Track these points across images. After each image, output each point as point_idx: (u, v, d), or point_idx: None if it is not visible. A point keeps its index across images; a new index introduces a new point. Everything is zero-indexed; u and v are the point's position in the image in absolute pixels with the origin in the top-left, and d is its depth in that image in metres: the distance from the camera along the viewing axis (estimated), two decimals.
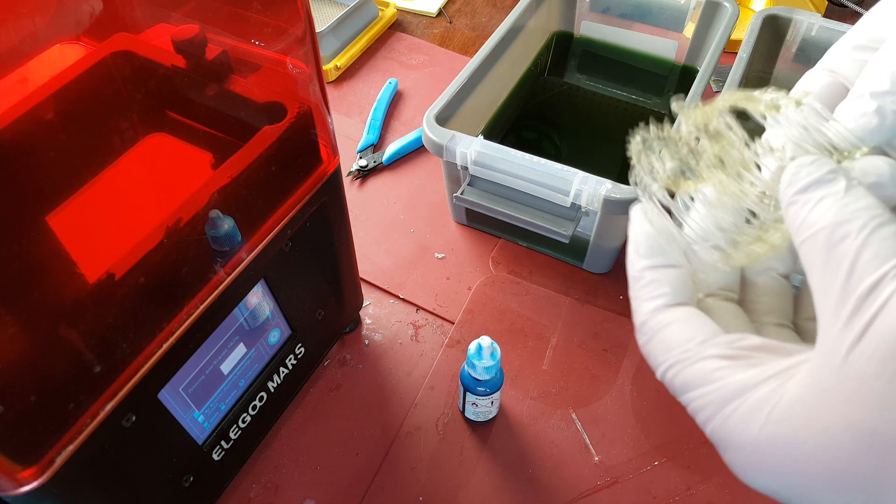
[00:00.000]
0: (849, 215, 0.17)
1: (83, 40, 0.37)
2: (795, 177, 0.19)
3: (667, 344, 0.20)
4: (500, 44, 0.67)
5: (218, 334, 0.40)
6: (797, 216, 0.18)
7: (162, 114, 0.39)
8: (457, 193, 0.58)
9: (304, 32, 0.36)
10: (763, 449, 0.17)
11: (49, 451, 0.31)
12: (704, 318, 0.20)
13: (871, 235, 0.16)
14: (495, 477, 0.51)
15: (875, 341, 0.15)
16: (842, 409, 0.16)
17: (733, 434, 0.18)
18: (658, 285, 0.21)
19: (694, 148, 0.22)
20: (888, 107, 0.19)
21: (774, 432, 0.17)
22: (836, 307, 0.17)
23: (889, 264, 0.16)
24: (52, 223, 0.35)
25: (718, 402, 0.18)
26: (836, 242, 0.17)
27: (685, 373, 0.19)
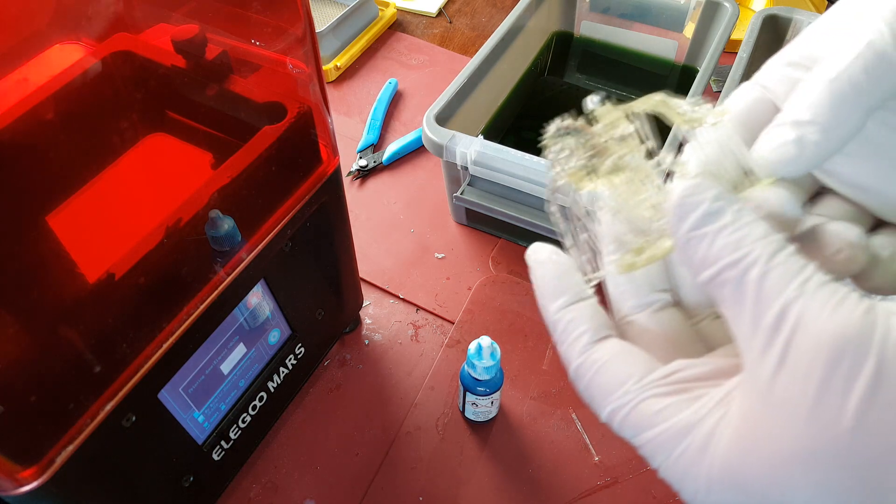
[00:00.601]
0: (746, 248, 0.17)
1: (83, 40, 0.37)
2: (683, 209, 0.18)
3: (604, 388, 0.20)
4: (500, 44, 0.67)
5: (218, 334, 0.40)
6: (694, 255, 0.18)
7: (162, 114, 0.39)
8: (457, 193, 0.58)
9: (303, 32, 0.36)
10: (715, 484, 0.17)
11: (49, 451, 0.31)
12: (631, 353, 0.20)
13: (768, 264, 0.17)
14: (495, 477, 0.51)
15: (792, 367, 0.16)
16: (775, 436, 0.16)
17: (686, 473, 0.18)
18: (577, 323, 0.21)
19: (601, 148, 0.21)
20: (808, 137, 0.19)
21: (722, 467, 0.17)
22: (750, 340, 0.17)
23: (789, 289, 0.16)
24: (52, 223, 0.35)
25: (666, 444, 0.18)
26: (739, 278, 0.17)
27: (629, 417, 0.19)
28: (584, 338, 0.21)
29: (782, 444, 0.16)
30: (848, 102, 0.18)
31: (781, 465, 0.16)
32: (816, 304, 0.16)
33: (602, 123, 0.21)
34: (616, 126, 0.21)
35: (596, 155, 0.21)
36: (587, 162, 0.21)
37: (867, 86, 0.18)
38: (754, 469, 0.17)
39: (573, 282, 0.22)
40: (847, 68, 0.18)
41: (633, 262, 0.21)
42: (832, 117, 0.19)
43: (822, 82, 0.19)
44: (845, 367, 0.15)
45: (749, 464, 0.17)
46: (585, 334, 0.21)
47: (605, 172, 0.21)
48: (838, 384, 0.15)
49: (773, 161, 0.20)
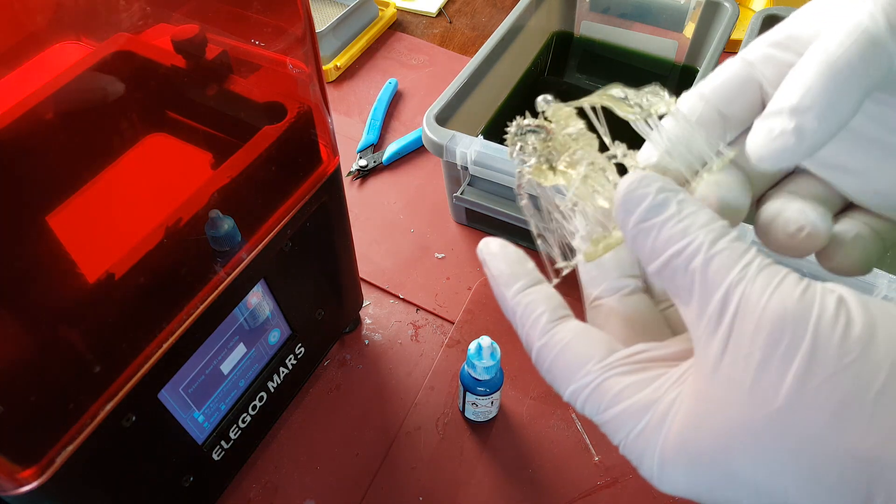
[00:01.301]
0: (690, 237, 0.18)
1: (83, 40, 0.37)
2: (628, 204, 0.19)
3: (566, 368, 0.20)
4: (500, 44, 0.67)
5: (218, 334, 0.40)
6: (643, 247, 0.19)
7: (162, 114, 0.39)
8: (457, 193, 0.58)
9: (304, 32, 0.36)
10: (669, 459, 0.18)
11: (49, 451, 0.31)
12: (591, 334, 0.21)
13: (710, 251, 0.18)
14: (495, 477, 0.51)
15: (734, 350, 0.17)
16: (722, 414, 0.17)
17: (645, 449, 0.19)
18: (535, 305, 0.21)
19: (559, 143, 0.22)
20: (808, 125, 0.19)
21: (675, 442, 0.18)
22: (697, 324, 0.18)
23: (731, 274, 0.17)
24: (52, 223, 0.35)
25: (626, 421, 0.19)
26: (685, 265, 0.18)
27: (592, 397, 0.20)
28: (543, 318, 0.21)
29: (727, 421, 0.17)
30: (844, 88, 0.18)
31: (726, 440, 0.17)
32: (757, 286, 0.17)
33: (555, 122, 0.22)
34: (567, 123, 0.22)
35: (554, 151, 0.22)
36: (546, 158, 0.22)
37: (863, 71, 0.18)
38: (703, 443, 0.17)
39: (527, 269, 0.22)
40: (844, 54, 0.18)
41: (594, 252, 0.22)
42: (829, 103, 0.18)
43: (818, 67, 0.18)
44: (783, 346, 0.16)
45: (698, 438, 0.17)
46: (543, 315, 0.21)
47: (562, 168, 0.22)
48: (776, 363, 0.16)
49: (773, 150, 0.19)
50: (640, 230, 0.19)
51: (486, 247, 0.23)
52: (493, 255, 0.23)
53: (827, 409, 0.16)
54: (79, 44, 0.37)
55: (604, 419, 0.20)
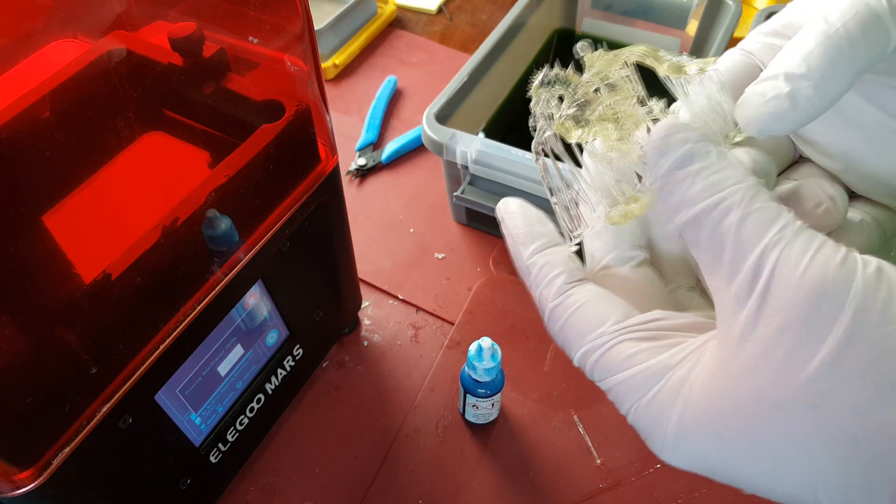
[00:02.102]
0: (726, 191, 0.17)
1: (79, 38, 0.37)
2: (664, 147, 0.18)
3: (580, 328, 0.20)
4: (501, 41, 0.66)
5: (215, 335, 0.40)
6: (672, 196, 0.18)
7: (159, 112, 0.39)
8: (457, 193, 0.58)
9: (302, 30, 0.35)
10: (687, 429, 0.17)
11: (45, 453, 0.31)
12: (607, 297, 0.20)
13: (747, 208, 0.17)
14: (496, 480, 0.50)
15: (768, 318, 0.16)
16: (748, 385, 0.16)
17: (656, 419, 0.18)
18: (552, 266, 0.21)
19: (591, 96, 0.21)
20: (801, 92, 0.18)
21: (694, 413, 0.17)
22: (727, 286, 0.17)
23: (768, 235, 0.16)
24: (48, 223, 0.34)
25: (638, 387, 0.18)
26: (717, 221, 0.17)
27: (603, 359, 0.19)
28: (559, 280, 0.21)
29: (756, 389, 0.16)
30: (843, 58, 0.18)
31: (755, 408, 0.16)
32: (795, 251, 0.16)
33: (592, 70, 0.21)
34: (607, 72, 0.21)
35: (584, 104, 0.21)
36: (575, 112, 0.21)
37: (863, 44, 0.18)
38: (728, 411, 0.17)
39: (546, 230, 0.22)
40: (845, 25, 0.18)
41: (625, 213, 0.21)
42: (827, 72, 0.18)
43: (818, 36, 0.18)
44: (822, 315, 0.15)
45: (723, 406, 0.17)
46: (560, 276, 0.21)
47: (594, 121, 0.21)
48: (814, 332, 0.15)
49: (764, 114, 0.19)
50: (672, 178, 0.18)
51: (504, 206, 0.23)
52: (512, 213, 0.22)
53: (867, 381, 0.15)
54: (75, 41, 0.37)
55: (612, 383, 0.19)
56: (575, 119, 0.21)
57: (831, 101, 0.19)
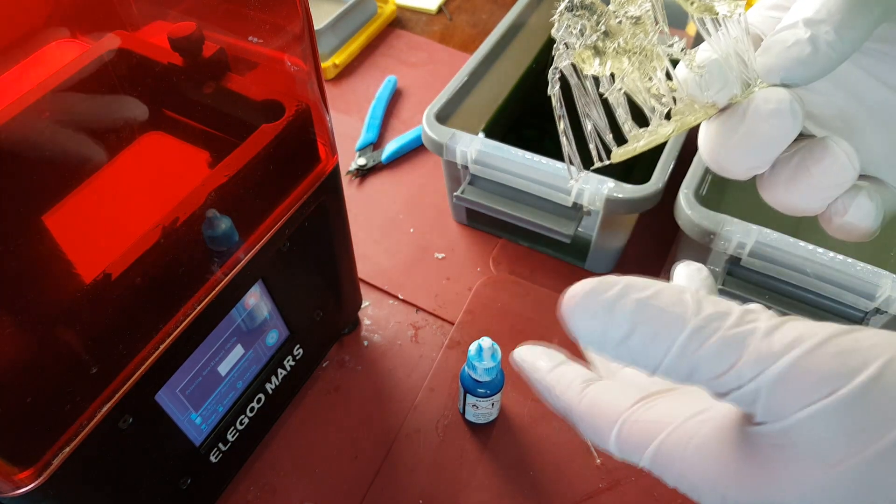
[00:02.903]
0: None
1: (80, 38, 0.37)
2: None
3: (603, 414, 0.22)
4: (501, 41, 0.66)
5: (215, 335, 0.40)
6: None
7: (159, 112, 0.39)
8: (457, 193, 0.58)
9: (302, 29, 0.35)
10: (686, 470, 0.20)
11: (45, 453, 0.31)
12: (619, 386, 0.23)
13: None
14: (496, 480, 0.50)
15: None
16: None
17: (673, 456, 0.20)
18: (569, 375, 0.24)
19: (613, 27, 0.21)
20: (822, 38, 0.18)
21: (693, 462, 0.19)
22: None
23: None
24: (48, 223, 0.34)
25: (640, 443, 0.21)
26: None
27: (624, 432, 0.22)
28: (576, 382, 0.23)
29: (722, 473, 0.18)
30: (862, 5, 0.18)
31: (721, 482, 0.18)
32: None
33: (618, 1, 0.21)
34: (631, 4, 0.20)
35: (606, 35, 0.21)
36: (596, 42, 0.21)
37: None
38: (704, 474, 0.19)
39: (556, 355, 0.25)
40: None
41: (634, 148, 0.21)
42: (846, 17, 0.18)
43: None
44: None
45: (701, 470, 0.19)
46: (576, 380, 0.24)
47: (611, 54, 0.20)
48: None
49: (786, 59, 0.19)
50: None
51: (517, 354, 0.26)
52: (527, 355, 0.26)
53: None
54: (75, 41, 0.37)
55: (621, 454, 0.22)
56: (594, 49, 0.21)
57: (852, 47, 0.18)
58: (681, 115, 0.21)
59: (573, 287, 0.17)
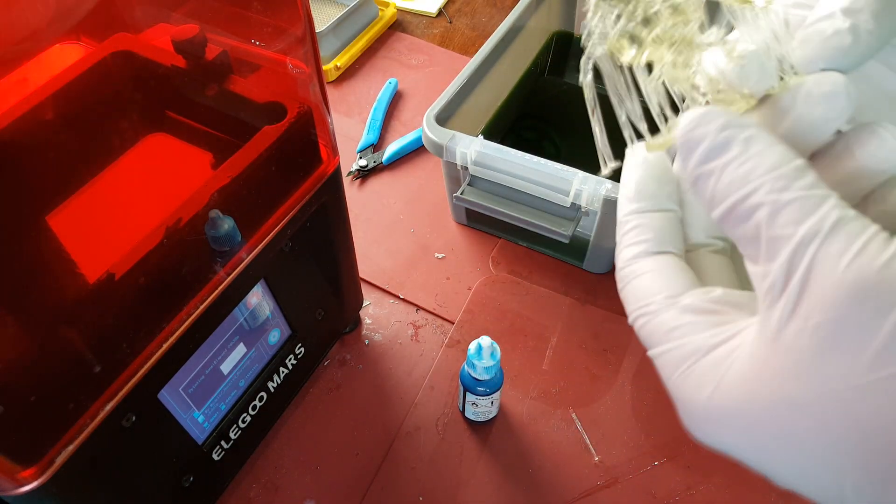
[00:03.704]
0: (754, 183, 0.16)
1: (83, 40, 0.37)
2: (689, 144, 0.18)
3: (635, 294, 0.20)
4: (501, 44, 0.67)
5: (218, 334, 0.40)
6: (705, 192, 0.17)
7: (162, 114, 0.39)
8: (457, 193, 0.58)
9: (304, 32, 0.36)
10: (712, 414, 0.17)
11: (49, 451, 0.31)
12: (680, 270, 0.19)
13: (777, 201, 0.16)
14: (495, 477, 0.51)
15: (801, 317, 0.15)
16: (781, 381, 0.16)
17: (687, 395, 0.18)
18: (641, 231, 0.20)
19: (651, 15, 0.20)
20: (862, 26, 0.18)
21: (725, 398, 0.17)
22: (761, 281, 0.16)
23: (803, 229, 0.15)
24: (52, 223, 0.35)
25: (675, 362, 0.18)
26: (747, 216, 0.16)
27: (647, 327, 0.19)
28: (640, 247, 0.20)
29: (787, 390, 0.15)
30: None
31: (784, 410, 0.16)
32: (834, 247, 0.15)
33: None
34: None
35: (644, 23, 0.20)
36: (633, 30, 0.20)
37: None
38: (758, 407, 0.16)
39: (660, 191, 0.21)
40: None
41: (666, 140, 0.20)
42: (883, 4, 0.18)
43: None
44: (861, 320, 0.14)
45: (753, 401, 0.16)
46: (644, 243, 0.20)
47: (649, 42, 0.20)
48: (851, 338, 0.14)
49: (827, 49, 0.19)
50: (700, 173, 0.17)
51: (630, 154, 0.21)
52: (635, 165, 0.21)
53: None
54: (79, 44, 0.37)
55: (654, 353, 0.19)
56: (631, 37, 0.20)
57: (891, 32, 0.18)
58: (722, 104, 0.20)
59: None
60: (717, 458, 0.51)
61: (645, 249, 0.20)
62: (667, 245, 0.20)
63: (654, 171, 0.21)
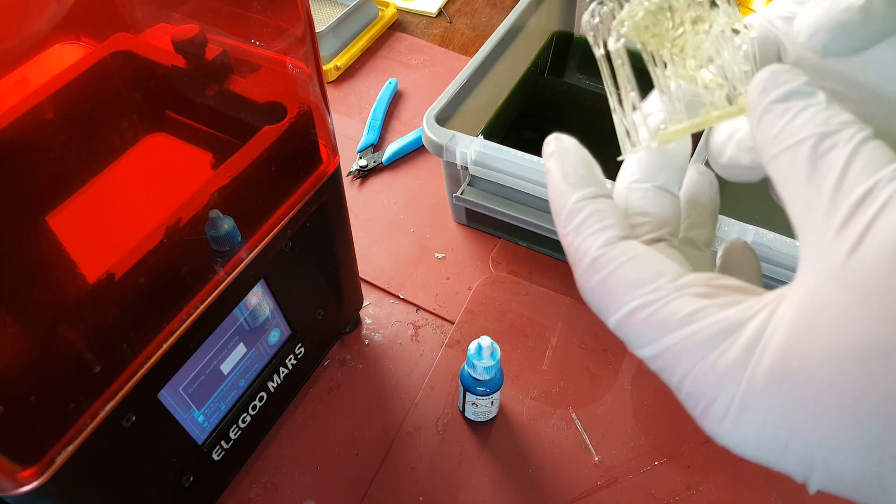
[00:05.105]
0: (835, 126, 0.16)
1: (83, 40, 0.37)
2: (772, 82, 0.17)
3: (630, 282, 0.17)
4: (500, 44, 0.67)
5: (218, 334, 0.40)
6: (775, 124, 0.17)
7: (162, 114, 0.39)
8: (457, 193, 0.58)
9: (304, 32, 0.36)
10: (762, 389, 0.15)
11: (49, 451, 0.31)
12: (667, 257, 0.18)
13: (860, 146, 0.15)
14: (495, 477, 0.51)
15: (877, 244, 0.14)
16: (848, 321, 0.14)
17: (726, 380, 0.15)
18: (602, 216, 0.18)
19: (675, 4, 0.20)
20: (876, 8, 0.18)
21: (775, 365, 0.15)
22: (825, 217, 0.15)
23: (883, 171, 0.15)
24: (52, 223, 0.35)
25: (701, 346, 0.16)
26: (824, 153, 0.16)
27: (656, 316, 0.17)
28: (609, 232, 0.18)
29: (856, 331, 0.14)
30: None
31: (852, 355, 0.14)
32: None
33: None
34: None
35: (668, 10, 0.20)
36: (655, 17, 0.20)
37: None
38: (818, 361, 0.14)
39: (601, 178, 0.20)
40: None
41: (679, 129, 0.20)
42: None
43: None
44: None
45: (812, 355, 0.14)
46: (611, 229, 0.18)
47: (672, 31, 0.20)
48: None
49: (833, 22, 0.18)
50: (775, 108, 0.17)
51: (557, 140, 0.20)
52: (567, 150, 0.20)
53: None
54: (79, 44, 0.37)
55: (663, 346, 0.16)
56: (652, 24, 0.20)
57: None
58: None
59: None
60: (717, 458, 0.52)
61: (616, 234, 0.18)
62: (628, 231, 0.19)
63: (587, 158, 0.20)
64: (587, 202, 0.19)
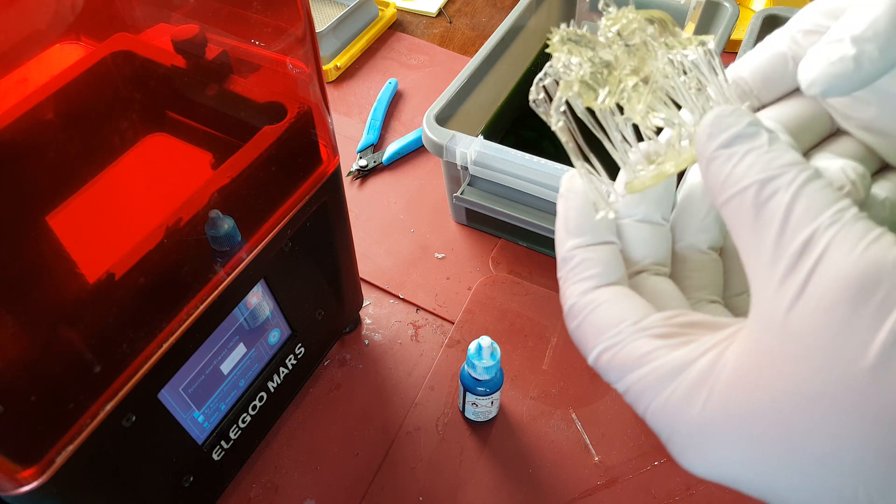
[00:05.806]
0: (776, 170, 0.16)
1: (83, 40, 0.37)
2: (716, 127, 0.18)
3: (597, 327, 0.19)
4: (500, 44, 0.67)
5: (218, 334, 0.40)
6: (721, 171, 0.17)
7: (162, 114, 0.39)
8: (457, 193, 0.58)
9: (304, 32, 0.36)
10: (709, 428, 0.16)
11: (49, 450, 0.31)
12: (635, 297, 0.19)
13: (801, 189, 0.16)
14: (495, 477, 0.51)
15: (817, 295, 0.15)
16: (788, 371, 0.15)
17: (675, 416, 0.17)
18: (588, 265, 0.20)
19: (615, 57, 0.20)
20: (867, 54, 0.19)
21: (719, 407, 0.16)
22: (770, 265, 0.16)
23: (823, 216, 0.15)
24: (52, 223, 0.35)
25: (656, 384, 0.17)
26: (766, 199, 0.16)
27: (618, 357, 0.18)
28: (590, 282, 0.20)
29: (794, 381, 0.15)
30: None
31: (791, 404, 0.15)
32: (851, 235, 0.15)
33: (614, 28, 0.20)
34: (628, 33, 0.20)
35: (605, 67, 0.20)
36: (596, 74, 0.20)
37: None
38: (761, 404, 0.15)
39: (601, 224, 0.21)
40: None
41: (643, 181, 0.20)
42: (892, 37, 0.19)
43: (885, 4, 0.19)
44: (876, 301, 0.14)
45: (755, 398, 0.15)
46: (593, 278, 0.20)
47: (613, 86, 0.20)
48: (865, 319, 0.14)
49: (829, 74, 0.20)
50: (720, 154, 0.17)
51: (570, 181, 0.21)
52: (574, 193, 0.21)
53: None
54: (79, 44, 0.37)
55: (628, 383, 0.18)
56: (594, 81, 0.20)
57: (893, 64, 0.19)
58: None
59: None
60: None
61: (594, 284, 0.20)
62: (613, 276, 0.20)
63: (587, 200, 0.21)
64: (579, 251, 0.20)
